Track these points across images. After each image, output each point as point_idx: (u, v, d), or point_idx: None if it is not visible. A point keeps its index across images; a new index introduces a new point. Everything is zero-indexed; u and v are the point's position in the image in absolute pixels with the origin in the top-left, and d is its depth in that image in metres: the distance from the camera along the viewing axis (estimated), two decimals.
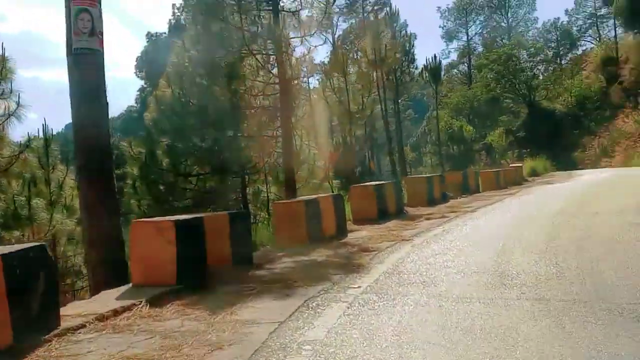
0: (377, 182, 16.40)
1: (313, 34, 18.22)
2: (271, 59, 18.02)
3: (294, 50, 18.32)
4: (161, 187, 18.47)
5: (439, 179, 20.22)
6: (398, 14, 44.02)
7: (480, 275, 7.94)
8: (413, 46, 47.88)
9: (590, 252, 9.09)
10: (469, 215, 14.73)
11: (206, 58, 17.17)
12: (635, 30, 57.05)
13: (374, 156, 44.66)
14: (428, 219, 14.83)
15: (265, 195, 19.43)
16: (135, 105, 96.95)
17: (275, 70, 18.14)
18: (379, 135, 45.96)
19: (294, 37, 17.92)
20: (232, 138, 19.20)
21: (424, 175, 21.44)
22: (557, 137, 59.63)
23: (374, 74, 33.81)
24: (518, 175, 29.51)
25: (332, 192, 19.02)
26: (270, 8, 17.25)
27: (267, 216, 17.54)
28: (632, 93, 53.65)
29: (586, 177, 26.73)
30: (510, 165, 32.66)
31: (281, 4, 17.45)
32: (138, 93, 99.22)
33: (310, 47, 18.27)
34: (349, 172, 32.40)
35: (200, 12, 16.69)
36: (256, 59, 17.74)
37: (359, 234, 12.89)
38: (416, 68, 51.29)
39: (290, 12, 17.52)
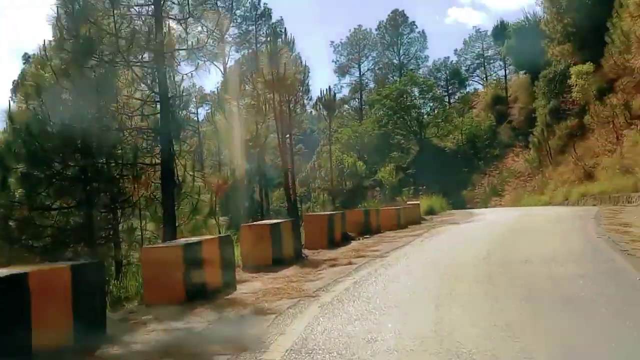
0: (273, 221, 14.00)
1: (203, 47, 15.76)
2: (153, 73, 15.34)
3: (180, 65, 15.78)
4: (12, 223, 15.36)
5: (340, 218, 18.08)
6: (293, 42, 42.08)
7: (420, 356, 5.78)
8: (308, 76, 46.08)
9: (550, 319, 7.15)
10: (380, 262, 12.56)
11: (72, 68, 14.35)
12: (524, 70, 58.08)
13: (263, 190, 42.36)
14: (333, 265, 12.58)
15: (140, 233, 16.64)
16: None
17: (157, 88, 15.45)
18: (268, 169, 43.81)
19: (180, 49, 15.40)
20: (102, 165, 16.42)
21: (325, 213, 19.18)
22: (447, 175, 59.59)
23: (271, 96, 31.49)
24: (417, 213, 28.00)
25: (219, 230, 16.48)
26: (151, 15, 14.68)
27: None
28: (522, 132, 54.22)
29: (490, 217, 25.32)
30: (408, 203, 31.15)
31: (165, 10, 14.89)
32: None
33: (198, 63, 15.78)
34: (238, 208, 29.96)
35: (66, 11, 13.90)
36: (133, 71, 15.05)
37: (252, 286, 10.48)
38: (310, 99, 49.69)
39: (175, 19, 15.01)
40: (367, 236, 19.16)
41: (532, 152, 49.25)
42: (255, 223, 13.60)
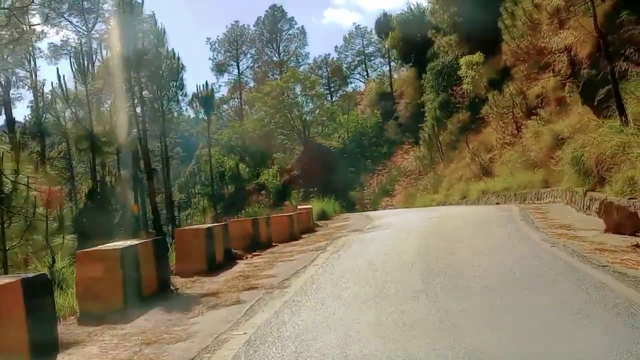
0: (127, 243, 9.88)
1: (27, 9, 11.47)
2: None
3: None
4: None
5: (222, 231, 14.10)
6: (164, 32, 37.65)
7: None
8: (183, 69, 41.65)
9: None
10: (281, 297, 8.70)
11: None
12: (410, 64, 55.95)
13: (138, 198, 37.55)
14: (213, 306, 8.68)
15: None
16: None
17: None
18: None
19: None
20: None
21: (202, 226, 14.96)
22: (334, 175, 57.09)
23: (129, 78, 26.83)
24: (309, 219, 24.45)
25: (52, 257, 12.18)
26: None
27: None
28: (410, 128, 52.10)
29: (396, 221, 21.74)
30: (299, 208, 27.58)
31: None
32: None
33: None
34: (102, 220, 25.42)
35: None
36: None
37: (82, 356, 6.50)
38: (185, 95, 45.36)
39: None
40: (257, 253, 15.30)
41: (422, 149, 46.94)
42: (97, 248, 9.45)
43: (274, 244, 17.51)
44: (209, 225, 15.06)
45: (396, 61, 63.71)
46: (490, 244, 12.72)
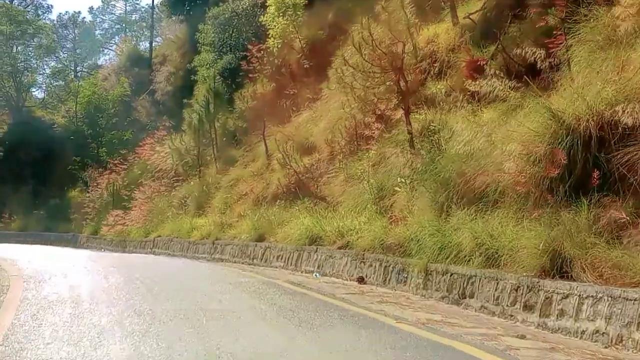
0: None
1: None
2: None
3: None
4: None
5: None
6: None
7: None
8: None
9: None
10: None
11: None
12: (182, 15, 35.46)
13: None
14: None
15: None
16: None
17: None
18: None
19: None
20: None
21: None
22: (54, 164, 36.73)
23: None
24: None
25: None
26: None
27: None
28: (171, 110, 32.50)
29: None
30: None
31: None
32: None
33: None
34: None
35: None
36: None
37: None
38: None
39: None
40: None
41: (185, 138, 27.01)
42: None
43: None
44: None
45: (164, 8, 41.17)
46: None
